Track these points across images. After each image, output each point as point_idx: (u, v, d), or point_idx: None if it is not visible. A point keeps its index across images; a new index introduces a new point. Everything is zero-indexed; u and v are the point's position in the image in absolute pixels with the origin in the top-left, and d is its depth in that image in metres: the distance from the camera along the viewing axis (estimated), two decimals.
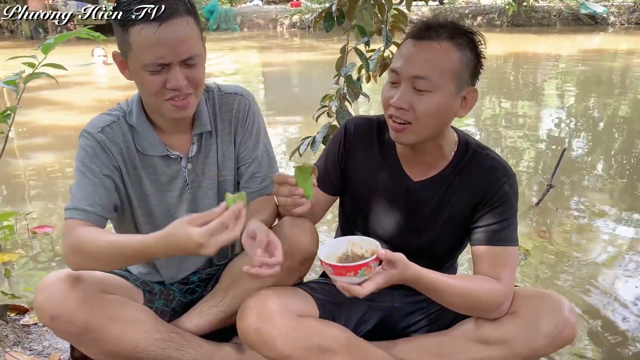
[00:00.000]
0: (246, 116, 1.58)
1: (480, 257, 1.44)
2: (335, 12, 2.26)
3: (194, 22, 1.34)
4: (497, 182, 1.44)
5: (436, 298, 1.38)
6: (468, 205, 1.47)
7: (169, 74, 1.32)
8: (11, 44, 13.14)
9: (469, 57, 1.35)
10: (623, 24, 16.00)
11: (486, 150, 1.50)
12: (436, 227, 1.51)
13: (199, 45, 1.36)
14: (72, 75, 7.56)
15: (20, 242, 2.86)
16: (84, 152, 1.45)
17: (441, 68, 1.32)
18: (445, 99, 1.34)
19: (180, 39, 1.30)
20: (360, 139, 1.56)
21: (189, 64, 1.34)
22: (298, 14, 17.39)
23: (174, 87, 1.33)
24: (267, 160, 1.60)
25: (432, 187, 1.50)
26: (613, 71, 9.40)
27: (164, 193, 1.56)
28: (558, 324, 1.36)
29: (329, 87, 2.43)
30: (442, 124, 1.40)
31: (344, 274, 1.21)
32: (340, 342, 1.43)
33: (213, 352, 1.56)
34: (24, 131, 5.34)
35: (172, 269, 1.65)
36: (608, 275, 2.58)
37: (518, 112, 6.21)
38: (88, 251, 1.33)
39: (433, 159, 1.48)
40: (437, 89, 1.32)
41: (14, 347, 1.83)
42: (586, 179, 3.98)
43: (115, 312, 1.43)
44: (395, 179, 1.52)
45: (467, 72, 1.36)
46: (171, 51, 1.30)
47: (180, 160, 1.54)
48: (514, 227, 1.45)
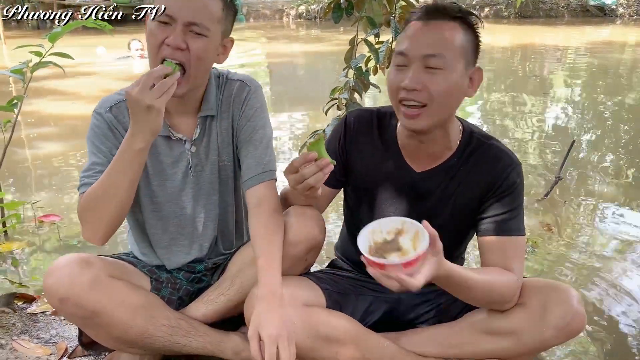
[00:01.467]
0: (243, 101, 1.56)
1: (489, 248, 1.42)
2: (344, 3, 2.24)
3: (221, 5, 1.40)
4: (503, 171, 1.43)
5: (461, 294, 1.36)
6: (474, 195, 1.46)
7: (172, 30, 1.35)
8: (18, 33, 13.15)
9: (471, 36, 1.38)
10: (632, 15, 15.85)
11: (491, 140, 1.48)
12: (442, 218, 1.49)
13: (213, 24, 1.39)
14: (81, 65, 7.55)
15: (27, 231, 2.87)
16: (93, 132, 1.50)
17: (452, 45, 1.33)
18: (457, 77, 1.34)
19: (196, 2, 1.35)
20: (361, 131, 1.55)
21: (194, 31, 1.35)
22: (304, 5, 17.30)
23: (171, 43, 1.34)
24: (264, 148, 1.56)
25: (436, 177, 1.48)
26: (622, 63, 9.32)
27: (167, 175, 1.56)
28: (567, 314, 1.35)
29: (335, 79, 2.42)
30: (454, 104, 1.39)
31: (414, 264, 1.11)
32: (347, 332, 1.43)
33: (220, 340, 1.56)
34: (30, 120, 5.35)
35: (169, 254, 1.64)
36: (616, 268, 2.57)
37: (525, 104, 6.17)
38: (90, 199, 1.40)
39: (439, 148, 1.46)
40: (449, 66, 1.32)
41: (21, 336, 1.83)
42: (594, 172, 3.95)
43: (124, 296, 1.44)
44: (397, 171, 1.51)
45: (471, 51, 1.37)
46: (182, 6, 1.34)
47: (184, 142, 1.54)
48: (521, 217, 1.44)
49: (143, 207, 1.58)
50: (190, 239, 1.63)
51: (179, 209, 1.60)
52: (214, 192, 1.61)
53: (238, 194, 1.67)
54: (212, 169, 1.59)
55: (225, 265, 1.66)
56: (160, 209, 1.59)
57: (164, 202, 1.58)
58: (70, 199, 3.37)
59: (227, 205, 1.65)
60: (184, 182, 1.58)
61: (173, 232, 1.62)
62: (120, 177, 1.37)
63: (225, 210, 1.65)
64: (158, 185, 1.56)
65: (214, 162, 1.59)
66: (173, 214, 1.60)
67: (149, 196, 1.57)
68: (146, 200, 1.58)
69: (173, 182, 1.57)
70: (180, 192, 1.58)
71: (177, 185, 1.57)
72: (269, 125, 1.59)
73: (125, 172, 1.36)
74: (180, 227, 1.61)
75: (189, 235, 1.63)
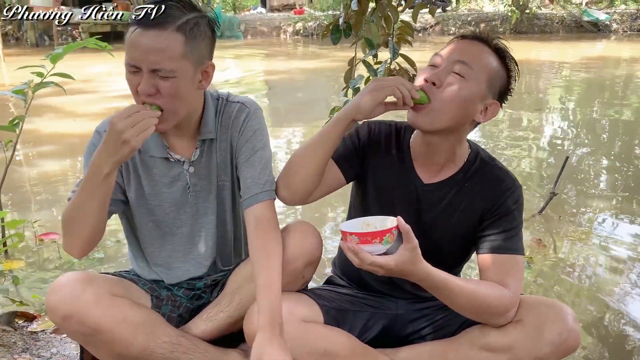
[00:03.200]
0: (242, 123, 1.58)
1: (486, 265, 1.45)
2: (343, 25, 2.29)
3: (181, 41, 1.36)
4: (504, 192, 1.48)
5: (443, 298, 1.38)
6: (475, 212, 1.50)
7: (142, 77, 1.37)
8: (17, 51, 13.24)
9: (503, 72, 1.46)
10: (626, 31, 16.04)
11: (495, 162, 1.55)
12: (442, 231, 1.54)
13: (176, 63, 1.36)
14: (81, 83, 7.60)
15: (27, 249, 2.89)
16: (89, 149, 1.52)
17: (482, 63, 1.42)
18: (472, 92, 1.40)
19: (153, 49, 1.34)
20: (380, 139, 1.60)
21: (161, 75, 1.36)
22: (301, 22, 17.49)
23: (140, 91, 1.37)
24: (262, 168, 1.57)
25: (442, 191, 1.53)
26: (616, 78, 9.42)
27: (164, 195, 1.59)
28: (562, 332, 1.37)
29: (331, 95, 2.47)
30: (459, 116, 1.43)
31: (370, 242, 1.23)
32: (345, 348, 1.45)
33: (220, 357, 1.58)
34: (30, 139, 5.38)
35: (167, 270, 1.66)
36: (610, 285, 2.59)
37: (521, 119, 6.22)
38: (65, 218, 1.43)
39: (444, 159, 1.51)
40: (471, 79, 1.40)
41: (22, 354, 1.85)
42: (589, 187, 3.99)
43: (126, 314, 1.46)
44: (406, 180, 1.56)
45: (498, 84, 1.45)
46: (142, 57, 1.35)
47: (182, 163, 1.57)
48: (520, 236, 1.48)
49: (140, 225, 1.61)
50: (187, 256, 1.66)
51: (176, 228, 1.62)
52: (212, 212, 1.63)
53: (236, 213, 1.69)
54: (211, 189, 1.62)
55: (225, 281, 1.68)
56: (157, 228, 1.62)
57: (161, 220, 1.61)
58: None
59: (226, 224, 1.67)
60: (181, 201, 1.60)
61: (170, 250, 1.64)
62: (89, 200, 1.39)
63: (224, 229, 1.67)
64: (156, 205, 1.59)
65: (212, 183, 1.61)
66: (170, 233, 1.63)
67: (146, 215, 1.60)
68: (143, 220, 1.60)
69: (171, 201, 1.60)
70: (178, 211, 1.61)
71: (175, 205, 1.60)
72: (268, 146, 1.61)
73: (94, 195, 1.38)
74: (177, 245, 1.64)
75: (187, 253, 1.65)
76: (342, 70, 2.44)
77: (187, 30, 1.37)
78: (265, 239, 1.49)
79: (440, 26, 16.90)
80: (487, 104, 1.44)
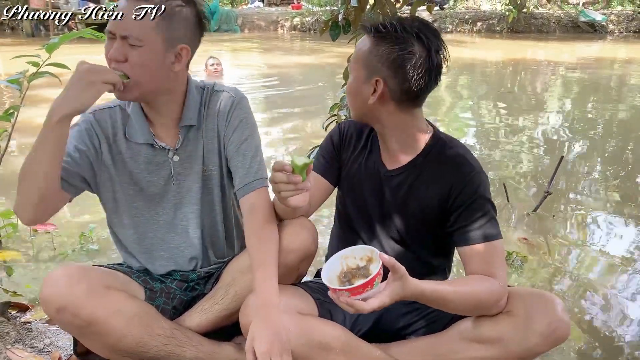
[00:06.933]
0: (228, 112, 1.60)
1: (469, 257, 1.46)
2: (342, 21, 2.29)
3: (158, 18, 1.40)
4: (464, 176, 1.48)
5: (440, 307, 1.40)
6: (435, 197, 1.51)
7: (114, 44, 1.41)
8: (12, 41, 13.13)
9: (382, 49, 1.45)
10: (622, 32, 16.09)
11: (456, 145, 1.55)
12: (406, 216, 1.57)
13: (145, 33, 1.40)
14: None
15: (21, 239, 2.88)
16: (72, 129, 1.53)
17: (357, 54, 1.51)
18: (356, 83, 1.51)
19: (127, 15, 1.39)
20: (352, 137, 1.68)
21: (129, 43, 1.40)
22: (299, 17, 17.44)
23: (110, 56, 1.41)
24: (253, 157, 1.59)
25: (402, 175, 1.56)
26: (611, 79, 9.46)
27: (148, 182, 1.60)
28: (552, 322, 1.38)
29: (328, 90, 2.48)
30: (360, 107, 1.52)
31: (362, 292, 1.22)
32: (340, 340, 1.46)
33: (214, 350, 1.58)
34: (25, 129, 5.34)
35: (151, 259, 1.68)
36: (603, 282, 2.61)
37: (516, 118, 6.25)
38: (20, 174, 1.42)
39: (398, 146, 1.56)
40: (352, 73, 1.53)
41: (15, 345, 1.85)
42: (584, 186, 4.01)
43: (120, 306, 1.47)
44: (372, 168, 1.61)
45: (376, 64, 1.46)
46: (116, 22, 1.40)
47: (167, 151, 1.58)
48: (494, 221, 1.48)
49: (122, 212, 1.62)
50: (168, 245, 1.66)
51: (157, 215, 1.63)
52: (196, 201, 1.64)
53: (226, 203, 1.69)
54: (195, 179, 1.62)
55: (219, 274, 1.69)
56: (138, 214, 1.63)
57: (143, 207, 1.62)
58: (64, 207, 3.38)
59: (215, 214, 1.68)
60: (165, 188, 1.62)
61: (151, 238, 1.65)
62: (39, 152, 1.38)
63: (213, 220, 1.68)
64: (139, 191, 1.61)
65: (197, 172, 1.62)
66: (151, 220, 1.64)
67: (129, 202, 1.61)
68: (125, 207, 1.62)
69: (155, 188, 1.61)
70: (161, 199, 1.62)
71: (158, 192, 1.61)
72: (256, 134, 1.63)
73: (44, 146, 1.37)
74: (158, 233, 1.65)
75: (168, 242, 1.66)
76: (339, 65, 2.45)
77: (166, 8, 1.41)
78: (261, 224, 1.52)
79: (438, 24, 16.89)
80: (372, 83, 1.46)
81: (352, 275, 1.30)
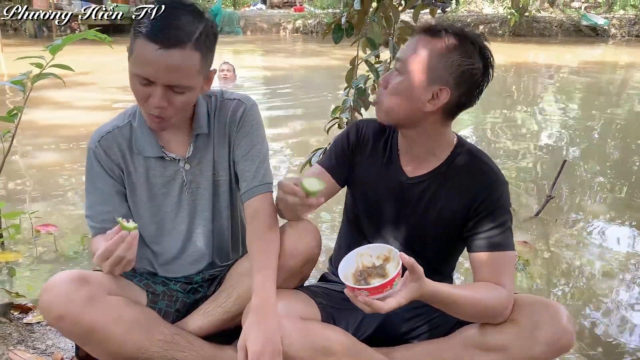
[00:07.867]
0: (239, 118, 1.60)
1: (480, 264, 1.46)
2: (345, 24, 2.29)
3: (198, 57, 1.37)
4: (488, 186, 1.48)
5: (449, 310, 1.39)
6: (459, 206, 1.50)
7: (154, 90, 1.37)
8: (15, 42, 13.16)
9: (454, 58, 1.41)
10: (624, 36, 16.09)
11: (481, 155, 1.55)
12: (426, 224, 1.55)
13: (193, 79, 1.39)
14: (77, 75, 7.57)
15: (24, 240, 2.88)
16: (87, 169, 1.58)
17: (415, 55, 1.43)
18: (409, 84, 1.43)
19: (172, 68, 1.33)
20: (369, 138, 1.64)
21: (174, 90, 1.38)
22: (301, 19, 17.46)
23: (153, 104, 1.38)
24: (260, 162, 1.60)
25: (425, 183, 1.54)
26: (613, 83, 9.45)
27: (162, 194, 1.60)
28: (556, 331, 1.38)
29: (330, 93, 2.48)
30: (404, 107, 1.45)
31: (382, 291, 1.21)
32: (343, 345, 1.45)
33: (215, 354, 1.58)
34: (28, 130, 5.36)
35: (165, 266, 1.68)
36: (606, 287, 2.61)
37: (518, 122, 6.24)
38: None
39: (424, 152, 1.54)
40: (405, 72, 1.44)
41: (17, 346, 1.84)
42: (586, 190, 4.00)
43: (120, 312, 1.46)
44: (392, 174, 1.59)
45: (446, 70, 1.41)
46: (159, 74, 1.34)
47: (178, 162, 1.58)
48: (510, 232, 1.48)
49: (141, 226, 1.61)
50: (183, 254, 1.67)
51: (176, 225, 1.64)
52: (208, 208, 1.64)
53: (234, 208, 1.70)
54: (206, 185, 1.63)
55: (223, 277, 1.69)
56: (158, 228, 1.64)
57: (162, 220, 1.62)
58: (66, 209, 3.39)
59: (223, 219, 1.68)
60: (179, 199, 1.62)
61: (167, 247, 1.65)
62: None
63: (221, 224, 1.68)
64: (156, 206, 1.61)
65: (208, 178, 1.62)
66: (170, 232, 1.64)
67: (148, 217, 1.62)
68: (145, 222, 1.62)
69: (169, 201, 1.61)
70: (178, 209, 1.62)
71: (174, 202, 1.62)
72: (265, 141, 1.64)
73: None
74: (175, 242, 1.65)
75: (183, 250, 1.66)
76: (341, 68, 2.45)
77: (201, 45, 1.37)
78: (263, 228, 1.52)
79: None
80: (434, 91, 1.42)
81: (368, 274, 1.29)
